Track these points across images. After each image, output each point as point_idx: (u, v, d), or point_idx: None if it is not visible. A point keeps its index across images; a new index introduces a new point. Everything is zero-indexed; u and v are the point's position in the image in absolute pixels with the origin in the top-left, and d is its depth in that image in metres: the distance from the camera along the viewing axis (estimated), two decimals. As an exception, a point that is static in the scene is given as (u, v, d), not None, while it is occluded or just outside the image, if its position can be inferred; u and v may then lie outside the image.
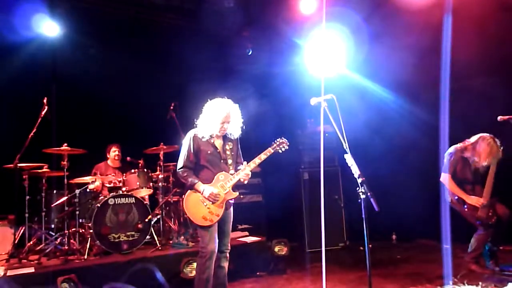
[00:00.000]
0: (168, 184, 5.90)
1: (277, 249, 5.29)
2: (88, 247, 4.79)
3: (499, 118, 4.37)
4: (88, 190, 5.35)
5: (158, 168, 5.80)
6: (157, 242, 5.16)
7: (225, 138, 3.82)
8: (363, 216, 3.07)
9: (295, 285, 4.75)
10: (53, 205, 5.28)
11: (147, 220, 5.14)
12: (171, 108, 5.96)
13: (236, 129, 3.81)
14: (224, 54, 7.10)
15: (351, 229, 6.48)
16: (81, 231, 5.21)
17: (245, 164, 3.79)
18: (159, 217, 5.59)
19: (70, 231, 5.04)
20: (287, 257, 5.33)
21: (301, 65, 6.56)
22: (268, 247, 5.31)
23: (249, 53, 7.14)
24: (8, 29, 5.47)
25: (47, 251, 4.84)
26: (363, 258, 3.09)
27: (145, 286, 4.41)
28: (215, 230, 3.66)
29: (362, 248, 5.74)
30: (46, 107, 5.10)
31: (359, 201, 3.09)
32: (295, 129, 6.77)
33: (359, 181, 3.10)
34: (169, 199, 5.68)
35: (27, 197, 5.12)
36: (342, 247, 6.40)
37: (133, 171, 5.58)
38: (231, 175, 3.72)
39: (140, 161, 5.79)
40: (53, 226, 5.35)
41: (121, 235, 4.99)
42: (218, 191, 3.65)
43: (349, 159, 3.20)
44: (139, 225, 5.10)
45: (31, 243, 4.96)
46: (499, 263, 4.68)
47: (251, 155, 3.82)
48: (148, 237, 5.19)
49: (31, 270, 4.29)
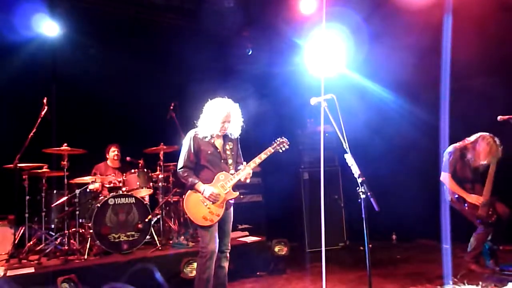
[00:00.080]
0: (168, 184, 5.90)
1: (277, 249, 5.29)
2: (88, 247, 4.79)
3: (499, 118, 4.37)
4: (88, 190, 5.35)
5: (158, 168, 5.80)
6: (157, 242, 5.15)
7: (225, 138, 3.82)
8: (363, 216, 3.08)
9: (295, 285, 4.75)
10: (53, 205, 5.28)
11: (147, 220, 5.14)
12: (171, 108, 5.96)
13: (236, 129, 3.81)
14: (224, 54, 7.10)
15: (351, 229, 6.48)
16: (81, 231, 5.20)
17: (245, 164, 3.80)
18: (159, 217, 5.59)
19: (70, 231, 5.03)
20: (287, 257, 5.33)
21: (301, 65, 6.55)
22: (268, 247, 5.31)
23: (249, 53, 7.15)
24: (8, 29, 5.47)
25: (47, 251, 4.83)
26: (363, 258, 3.09)
27: (145, 286, 4.41)
28: (215, 230, 3.67)
29: (362, 248, 5.73)
30: (46, 107, 5.10)
31: (359, 201, 3.09)
32: (295, 129, 6.77)
33: (359, 181, 3.10)
34: (169, 199, 5.68)
35: (27, 197, 5.11)
36: (342, 247, 6.40)
37: (133, 171, 5.58)
38: (231, 175, 3.72)
39: (140, 161, 5.79)
40: (53, 226, 5.35)
41: (121, 235, 4.99)
42: (218, 191, 3.65)
43: (349, 159, 3.20)
44: (139, 225, 5.09)
45: (31, 243, 4.96)
46: (499, 263, 4.68)
47: (251, 155, 3.82)
48: (148, 237, 5.19)
49: (31, 270, 4.29)
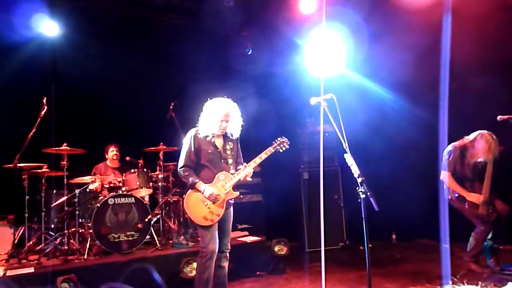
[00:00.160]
0: (168, 184, 5.89)
1: (276, 249, 5.29)
2: (87, 247, 4.78)
3: (498, 117, 4.38)
4: (87, 190, 5.35)
5: (157, 168, 5.79)
6: (157, 242, 5.15)
7: (225, 137, 3.82)
8: (363, 215, 3.08)
9: (295, 284, 4.75)
10: (52, 205, 5.27)
11: (147, 220, 5.13)
12: (171, 107, 5.95)
13: (236, 129, 3.81)
14: (224, 53, 7.09)
15: (351, 228, 6.48)
16: (80, 231, 5.20)
17: (245, 164, 3.80)
18: (158, 217, 5.58)
19: (69, 231, 5.03)
20: (287, 256, 5.33)
21: (301, 64, 6.55)
22: (267, 247, 5.31)
23: (249, 53, 7.14)
24: (7, 28, 5.46)
25: (47, 251, 4.83)
26: (363, 257, 3.09)
27: (143, 286, 4.40)
28: (215, 230, 3.67)
29: (361, 247, 5.74)
30: (45, 107, 5.09)
31: (359, 200, 3.09)
32: (295, 128, 6.76)
33: (359, 180, 3.10)
34: (169, 199, 5.68)
35: (27, 197, 5.10)
36: (342, 247, 6.40)
37: (132, 171, 5.57)
38: (232, 175, 3.72)
39: (139, 161, 5.78)
40: (52, 226, 5.34)
41: (121, 235, 4.99)
42: (218, 191, 3.65)
43: (349, 158, 3.20)
44: (139, 225, 5.09)
45: (31, 243, 4.95)
46: (500, 262, 4.68)
47: (251, 155, 3.82)
48: (148, 237, 5.18)
49: (30, 270, 4.28)
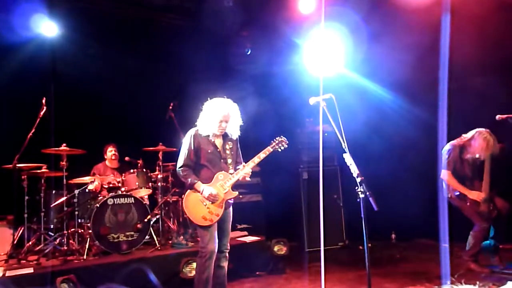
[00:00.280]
0: (167, 184, 5.89)
1: (276, 249, 5.29)
2: (87, 247, 4.78)
3: (497, 117, 4.39)
4: (87, 190, 5.35)
5: (157, 168, 5.79)
6: (157, 242, 5.15)
7: (225, 137, 3.82)
8: (362, 215, 3.08)
9: (295, 284, 4.75)
10: (52, 206, 5.27)
11: (146, 220, 5.13)
12: (170, 108, 5.95)
13: (235, 129, 3.81)
14: (223, 53, 7.09)
15: (351, 228, 6.48)
16: (80, 231, 5.19)
17: (244, 164, 3.80)
18: (158, 217, 5.58)
19: (69, 231, 5.03)
20: (287, 256, 5.33)
21: (300, 64, 6.54)
22: (267, 247, 5.30)
23: (248, 53, 7.14)
24: (6, 29, 5.45)
25: (46, 251, 4.82)
26: (362, 257, 3.09)
27: (141, 287, 4.39)
28: (214, 229, 3.67)
29: (361, 247, 5.74)
30: (45, 107, 5.08)
31: (358, 200, 3.09)
32: (294, 128, 6.76)
33: (358, 180, 3.11)
34: (168, 199, 5.68)
35: (26, 198, 5.10)
36: (341, 247, 6.40)
37: (132, 171, 5.57)
38: (231, 174, 3.72)
39: (139, 161, 5.78)
40: (52, 226, 5.34)
41: (120, 235, 4.98)
42: (217, 190, 3.65)
43: (348, 158, 3.20)
44: (138, 225, 5.09)
45: (30, 243, 4.94)
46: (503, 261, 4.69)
47: (250, 154, 3.82)
48: (147, 237, 5.18)
49: (30, 270, 4.27)
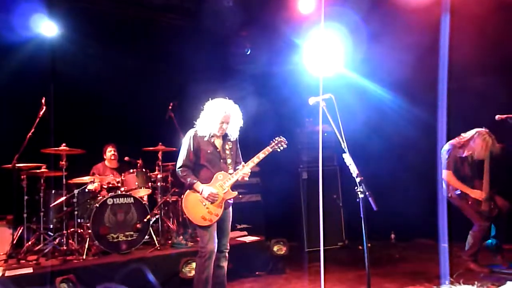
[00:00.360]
0: (166, 184, 5.89)
1: (276, 249, 5.29)
2: (86, 247, 4.78)
3: (497, 117, 4.40)
4: (86, 190, 5.35)
5: (156, 168, 5.79)
6: (156, 242, 5.15)
7: (225, 137, 3.82)
8: (362, 215, 3.08)
9: (294, 284, 4.75)
10: (51, 205, 5.27)
11: (145, 220, 5.13)
12: (170, 107, 5.95)
13: (236, 130, 3.81)
14: (223, 53, 7.09)
15: (350, 228, 6.48)
16: (79, 231, 5.18)
17: (243, 164, 3.80)
18: (157, 217, 5.58)
19: (68, 231, 5.03)
20: (286, 256, 5.33)
21: (300, 64, 6.54)
22: (267, 247, 5.30)
23: (248, 53, 7.14)
24: (6, 29, 5.45)
25: (46, 251, 4.82)
26: (362, 257, 3.10)
27: (140, 287, 4.40)
28: (214, 229, 3.67)
29: (361, 247, 5.74)
30: (44, 107, 5.09)
31: (358, 200, 3.09)
32: (293, 128, 6.76)
33: (357, 180, 3.11)
34: (168, 199, 5.67)
35: (26, 197, 5.10)
36: (341, 247, 6.40)
37: (131, 171, 5.56)
38: (230, 174, 3.72)
39: (138, 161, 5.78)
40: (51, 226, 5.34)
41: (119, 235, 4.98)
42: (217, 191, 3.65)
43: (348, 158, 3.20)
44: (138, 225, 5.09)
45: (30, 243, 4.94)
46: (507, 259, 4.69)
47: (250, 154, 3.83)
48: (147, 237, 5.18)
49: (29, 270, 4.27)
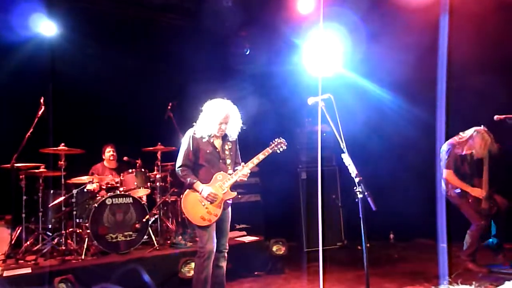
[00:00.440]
0: (165, 184, 5.89)
1: (275, 249, 5.29)
2: (85, 247, 4.78)
3: (495, 117, 4.40)
4: (85, 190, 5.34)
5: (155, 168, 5.79)
6: (155, 242, 5.14)
7: (224, 138, 3.82)
8: (361, 215, 3.08)
9: (293, 284, 4.75)
10: (50, 205, 5.27)
11: (144, 220, 5.13)
12: (169, 107, 5.95)
13: (235, 130, 3.80)
14: (222, 53, 7.09)
15: (349, 228, 6.48)
16: (78, 231, 5.17)
17: (243, 164, 3.79)
18: (156, 217, 5.58)
19: (67, 231, 5.02)
20: (285, 256, 5.32)
21: (299, 64, 6.54)
22: (266, 247, 5.30)
23: (247, 53, 7.14)
24: (5, 28, 5.44)
25: (44, 251, 4.81)
26: (361, 257, 3.10)
27: (138, 287, 4.39)
28: (213, 230, 3.66)
29: (360, 247, 5.74)
30: (43, 107, 5.08)
31: (357, 200, 3.09)
32: (293, 128, 6.76)
33: (357, 180, 3.11)
34: (167, 199, 5.67)
35: (24, 197, 5.09)
36: (340, 247, 6.40)
37: (130, 171, 5.55)
38: (229, 175, 3.72)
39: (137, 161, 5.77)
40: (50, 226, 5.33)
41: (118, 235, 4.98)
42: (216, 191, 3.65)
43: (347, 158, 3.20)
44: (137, 225, 5.08)
45: (28, 243, 4.93)
46: (508, 259, 4.70)
47: (249, 154, 3.82)
48: (145, 237, 5.17)
49: (28, 270, 4.27)
